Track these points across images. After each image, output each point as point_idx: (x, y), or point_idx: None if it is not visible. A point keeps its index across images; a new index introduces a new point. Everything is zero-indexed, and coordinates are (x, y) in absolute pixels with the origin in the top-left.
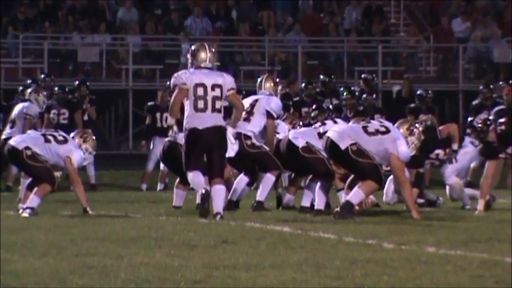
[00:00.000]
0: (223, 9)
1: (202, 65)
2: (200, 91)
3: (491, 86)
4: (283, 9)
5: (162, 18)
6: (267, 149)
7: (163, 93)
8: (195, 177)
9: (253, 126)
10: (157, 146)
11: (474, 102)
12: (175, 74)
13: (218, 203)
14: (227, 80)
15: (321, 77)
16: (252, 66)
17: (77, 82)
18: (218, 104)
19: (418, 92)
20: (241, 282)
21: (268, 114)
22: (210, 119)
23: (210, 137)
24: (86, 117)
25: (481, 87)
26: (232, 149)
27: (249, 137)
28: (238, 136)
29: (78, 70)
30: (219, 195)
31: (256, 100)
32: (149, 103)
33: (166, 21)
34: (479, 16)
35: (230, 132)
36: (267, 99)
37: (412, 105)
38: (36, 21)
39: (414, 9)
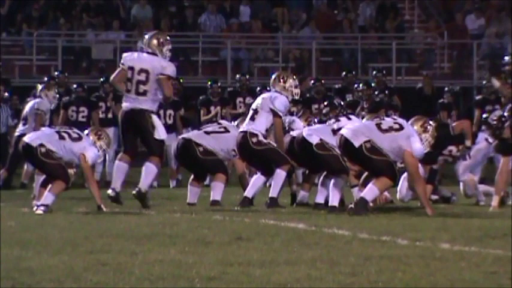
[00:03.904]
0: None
1: (144, 48)
2: (129, 73)
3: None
4: (298, 6)
5: (176, 15)
6: (275, 145)
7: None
8: (117, 168)
9: (259, 125)
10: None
11: (477, 97)
12: (124, 54)
13: (143, 180)
14: (158, 65)
15: (343, 73)
16: (266, 63)
17: (101, 79)
18: (141, 89)
19: (449, 88)
20: (255, 278)
21: (274, 113)
22: (134, 102)
23: (133, 118)
24: (110, 115)
25: (484, 82)
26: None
27: (254, 135)
28: (243, 134)
29: (92, 67)
30: (145, 172)
31: (263, 98)
32: None
33: (181, 19)
34: (493, 12)
35: (156, 117)
36: (271, 97)
37: (445, 101)
38: (50, 18)
39: (428, 6)
